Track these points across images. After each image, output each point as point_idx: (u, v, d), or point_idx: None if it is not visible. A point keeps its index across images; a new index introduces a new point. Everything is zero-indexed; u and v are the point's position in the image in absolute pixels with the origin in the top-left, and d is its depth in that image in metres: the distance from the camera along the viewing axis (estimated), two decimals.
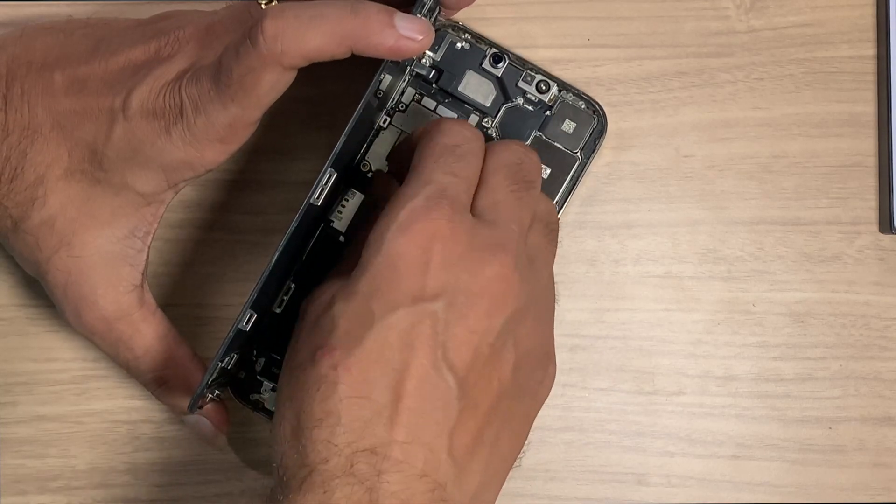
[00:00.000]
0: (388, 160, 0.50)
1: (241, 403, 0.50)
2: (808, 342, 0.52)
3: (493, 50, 0.49)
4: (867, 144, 0.52)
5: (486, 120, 0.49)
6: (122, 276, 0.46)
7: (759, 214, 0.52)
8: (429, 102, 0.50)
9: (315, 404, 0.39)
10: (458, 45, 0.49)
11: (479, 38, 0.49)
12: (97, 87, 0.44)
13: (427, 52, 0.49)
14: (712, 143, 0.52)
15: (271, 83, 0.42)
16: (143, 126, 0.44)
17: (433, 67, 0.49)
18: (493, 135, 0.49)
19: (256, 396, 0.50)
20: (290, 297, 0.49)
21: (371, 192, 0.49)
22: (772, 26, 0.52)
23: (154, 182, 0.45)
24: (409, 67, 0.49)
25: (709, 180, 0.52)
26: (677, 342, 0.52)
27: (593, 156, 0.49)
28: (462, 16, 0.49)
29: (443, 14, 0.48)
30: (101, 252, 0.46)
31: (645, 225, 0.52)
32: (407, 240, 0.40)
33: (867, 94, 0.52)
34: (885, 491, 0.52)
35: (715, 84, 0.52)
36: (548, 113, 0.49)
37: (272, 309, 0.49)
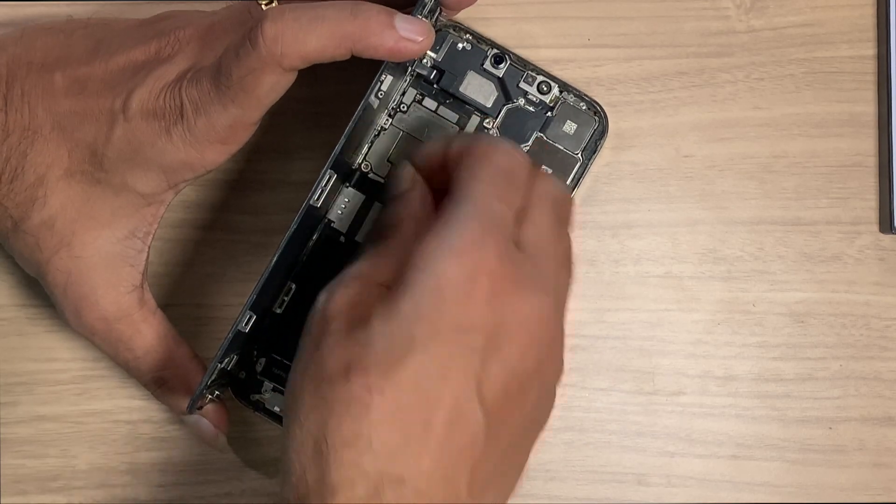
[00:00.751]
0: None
1: (242, 403, 0.50)
2: (808, 342, 0.52)
3: (495, 50, 0.49)
4: (867, 144, 0.52)
5: (488, 121, 0.49)
6: (123, 276, 0.46)
7: (759, 214, 0.52)
8: (430, 103, 0.49)
9: (344, 424, 0.38)
10: (460, 45, 0.49)
11: (480, 39, 0.49)
12: (97, 88, 0.44)
13: (428, 52, 0.49)
14: (712, 143, 0.52)
15: (271, 84, 0.42)
16: (143, 127, 0.44)
17: (434, 68, 0.49)
18: (495, 136, 0.49)
19: (257, 397, 0.50)
20: (291, 297, 0.49)
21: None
22: (772, 26, 0.52)
23: (154, 183, 0.45)
24: (409, 68, 0.49)
25: (709, 180, 0.52)
26: (677, 342, 0.52)
27: (594, 157, 0.49)
28: (462, 16, 0.49)
29: (444, 15, 0.48)
30: (101, 252, 0.45)
31: (645, 225, 0.52)
32: (457, 266, 0.38)
33: (867, 94, 0.52)
34: (885, 491, 0.52)
35: (715, 84, 0.52)
36: (549, 114, 0.49)
37: (273, 309, 0.49)
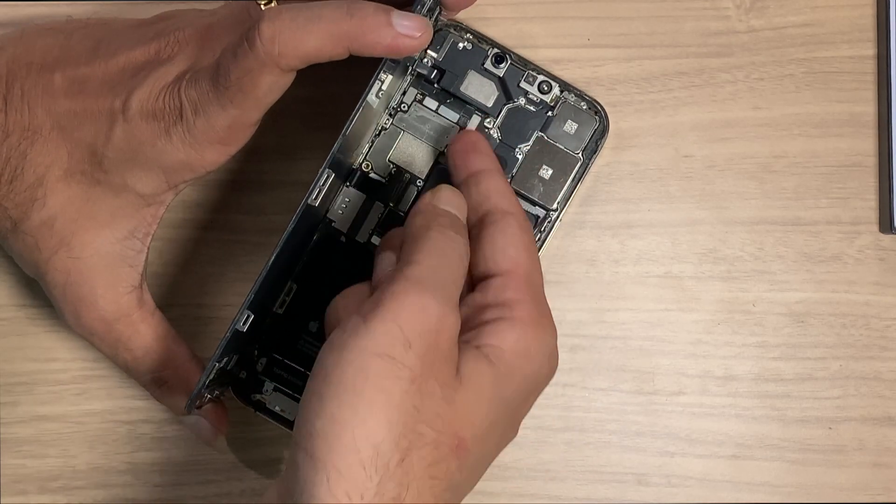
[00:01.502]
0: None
1: (243, 403, 0.50)
2: (808, 342, 0.52)
3: (495, 50, 0.49)
4: (867, 144, 0.52)
5: (488, 120, 0.49)
6: (122, 276, 0.46)
7: (759, 214, 0.52)
8: (430, 103, 0.49)
9: None
10: (460, 45, 0.49)
11: (480, 39, 0.49)
12: (97, 88, 0.44)
13: (429, 52, 0.49)
14: (712, 143, 0.52)
15: (269, 85, 0.42)
16: (142, 127, 0.43)
17: (435, 67, 0.49)
18: (495, 135, 0.49)
19: (258, 396, 0.50)
20: (292, 297, 0.49)
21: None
22: (772, 26, 0.52)
23: (154, 183, 0.45)
24: (410, 68, 0.49)
25: (709, 180, 0.52)
26: (677, 342, 0.52)
27: (595, 157, 0.49)
28: (462, 16, 0.49)
29: (443, 14, 0.48)
30: (100, 253, 0.45)
31: (645, 225, 0.52)
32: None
33: (867, 94, 0.52)
34: (886, 491, 0.52)
35: (715, 84, 0.52)
36: (550, 114, 0.49)
37: (273, 309, 0.49)
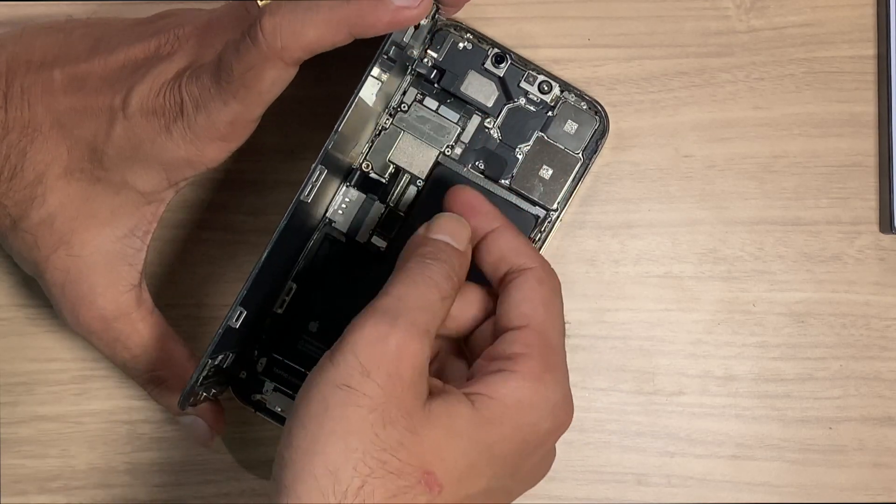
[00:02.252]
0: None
1: (243, 403, 0.50)
2: (808, 342, 0.52)
3: (496, 50, 0.49)
4: (867, 144, 0.52)
5: (489, 120, 0.49)
6: (121, 275, 0.46)
7: (760, 214, 0.52)
8: (431, 103, 0.49)
9: None
10: (460, 45, 0.49)
11: (481, 38, 0.49)
12: (97, 86, 0.44)
13: (429, 52, 0.49)
14: (712, 143, 0.52)
15: (273, 79, 0.42)
16: (143, 124, 0.43)
17: (435, 67, 0.49)
18: (495, 135, 0.49)
19: (258, 396, 0.50)
20: (292, 297, 0.49)
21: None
22: (772, 26, 0.52)
23: (155, 181, 0.45)
24: (410, 67, 0.49)
25: (709, 180, 0.52)
26: (677, 342, 0.52)
27: (595, 157, 0.49)
28: (462, 16, 0.49)
29: (441, 13, 0.48)
30: (100, 251, 0.45)
31: (645, 225, 0.52)
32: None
33: (867, 94, 0.52)
34: (886, 491, 0.52)
35: (715, 84, 0.52)
36: (550, 113, 0.49)
37: (274, 310, 0.49)
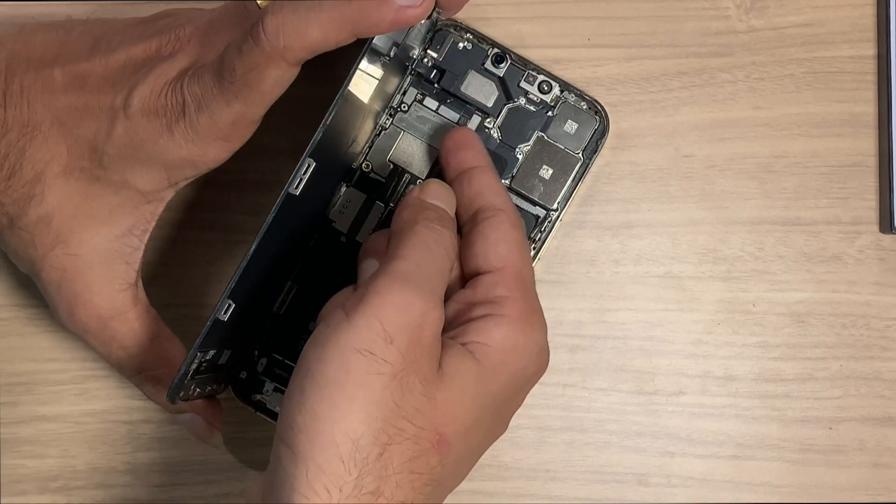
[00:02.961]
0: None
1: (243, 403, 0.50)
2: (808, 342, 0.52)
3: (496, 50, 0.49)
4: (867, 144, 0.52)
5: (489, 120, 0.49)
6: (118, 274, 0.46)
7: (760, 214, 0.52)
8: (430, 103, 0.49)
9: None
10: (460, 45, 0.49)
11: (480, 38, 0.49)
12: (97, 85, 0.44)
13: (429, 52, 0.49)
14: (712, 143, 0.52)
15: (275, 79, 0.42)
16: (144, 124, 0.43)
17: (435, 67, 0.49)
18: (495, 135, 0.49)
19: (259, 396, 0.50)
20: (292, 297, 0.49)
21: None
22: (772, 26, 0.52)
23: (155, 180, 0.45)
24: (410, 67, 0.49)
25: (709, 180, 0.52)
26: (677, 342, 0.52)
27: (595, 157, 0.49)
28: (462, 16, 0.49)
29: (440, 14, 0.48)
30: (97, 250, 0.45)
31: (645, 225, 0.52)
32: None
33: (867, 94, 0.52)
34: (886, 491, 0.52)
35: (715, 84, 0.52)
36: (550, 113, 0.49)
37: (273, 309, 0.49)
